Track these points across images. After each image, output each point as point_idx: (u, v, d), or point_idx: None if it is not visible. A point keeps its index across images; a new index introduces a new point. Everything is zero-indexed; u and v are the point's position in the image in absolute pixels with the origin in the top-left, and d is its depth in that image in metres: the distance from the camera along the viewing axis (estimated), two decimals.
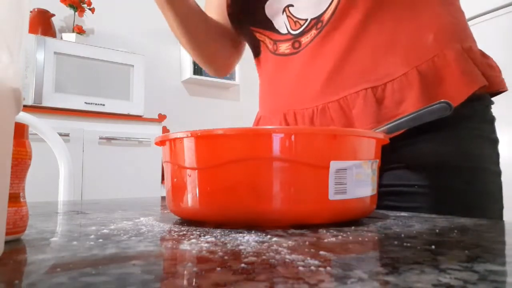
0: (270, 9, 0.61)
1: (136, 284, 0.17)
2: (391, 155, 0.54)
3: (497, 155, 0.57)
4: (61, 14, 2.66)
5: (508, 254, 0.24)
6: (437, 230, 0.32)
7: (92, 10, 2.65)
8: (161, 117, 2.57)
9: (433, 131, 0.53)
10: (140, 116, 2.40)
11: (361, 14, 0.55)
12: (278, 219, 0.35)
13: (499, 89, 0.55)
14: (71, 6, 2.59)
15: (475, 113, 0.55)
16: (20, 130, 0.30)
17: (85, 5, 2.63)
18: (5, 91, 0.22)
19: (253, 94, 1.81)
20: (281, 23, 0.61)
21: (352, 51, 0.55)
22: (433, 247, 0.25)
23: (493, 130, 0.57)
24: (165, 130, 2.65)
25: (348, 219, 0.38)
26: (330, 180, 0.35)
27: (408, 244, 0.26)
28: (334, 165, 0.35)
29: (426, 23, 0.55)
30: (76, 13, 2.63)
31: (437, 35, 0.54)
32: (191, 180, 0.37)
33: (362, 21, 0.55)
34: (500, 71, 0.57)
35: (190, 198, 0.37)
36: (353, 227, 0.35)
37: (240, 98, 3.35)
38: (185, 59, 3.12)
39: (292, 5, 0.59)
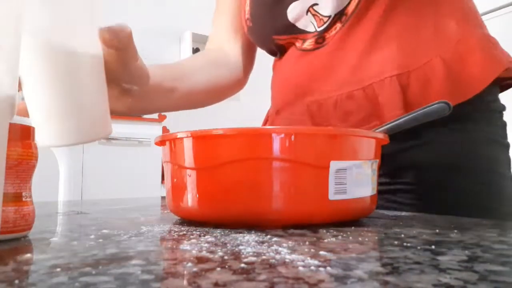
0: (293, 13, 0.61)
1: (136, 284, 0.17)
2: (406, 154, 0.55)
3: (508, 159, 0.58)
4: None
5: (508, 254, 0.24)
6: (437, 230, 0.32)
7: None
8: (161, 117, 2.56)
9: (449, 133, 0.54)
10: (140, 116, 2.40)
11: (385, 4, 0.55)
12: (278, 219, 0.35)
13: None
14: None
15: (490, 118, 0.57)
16: (26, 132, 0.31)
17: None
18: (3, 101, 0.22)
19: (253, 94, 1.81)
20: (306, 23, 0.61)
21: (377, 41, 0.56)
22: (433, 247, 0.25)
23: (505, 135, 0.58)
24: (165, 130, 2.65)
25: (348, 219, 0.38)
26: (330, 180, 0.35)
27: (408, 244, 0.26)
28: (334, 165, 0.35)
29: (450, 11, 0.56)
30: None
31: (460, 22, 0.55)
32: (191, 180, 0.37)
33: (386, 11, 0.56)
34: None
35: (190, 198, 0.37)
36: (353, 227, 0.35)
37: (240, 98, 3.34)
38: None
39: (316, 4, 0.59)
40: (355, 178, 0.37)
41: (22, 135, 0.30)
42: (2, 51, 0.22)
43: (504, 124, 0.58)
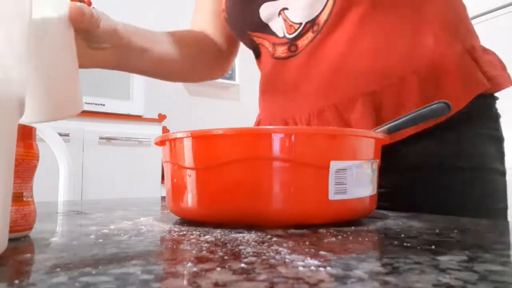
0: (265, 13, 0.60)
1: (136, 284, 0.17)
2: (394, 155, 0.53)
3: (501, 153, 0.55)
4: None
5: (508, 254, 0.24)
6: (437, 230, 0.32)
7: None
8: (161, 117, 2.57)
9: (434, 131, 0.52)
10: (140, 116, 2.40)
11: (358, 15, 0.53)
12: (278, 219, 0.35)
13: (503, 88, 0.54)
14: None
15: (477, 111, 0.53)
16: (28, 132, 0.31)
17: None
18: (12, 100, 0.22)
19: (253, 94, 1.81)
20: (277, 26, 0.60)
21: (350, 54, 0.54)
22: (433, 247, 0.25)
23: (496, 128, 0.55)
24: (165, 130, 2.65)
25: (348, 219, 0.38)
26: (330, 180, 0.35)
27: (408, 244, 0.26)
28: (334, 165, 0.35)
29: (428, 21, 0.53)
30: None
31: (439, 35, 0.53)
32: (191, 180, 0.37)
33: (359, 23, 0.53)
34: (504, 68, 0.55)
35: (190, 198, 0.37)
36: (353, 227, 0.35)
37: (240, 98, 3.35)
38: None
39: (287, 8, 0.58)
40: (355, 178, 0.37)
41: (24, 135, 0.30)
42: (14, 55, 0.22)
43: (495, 116, 0.56)
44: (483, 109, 0.55)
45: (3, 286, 0.17)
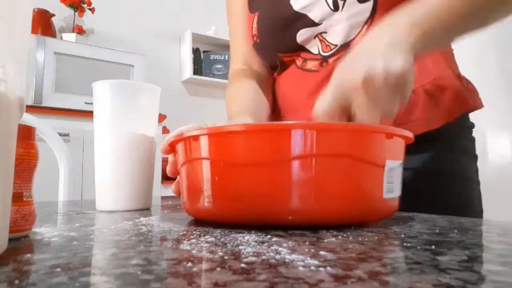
0: (302, 37, 0.65)
1: (136, 284, 0.17)
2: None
3: (477, 169, 0.68)
4: (61, 14, 2.66)
5: (508, 254, 0.24)
6: (437, 230, 0.32)
7: (92, 10, 2.65)
8: (161, 117, 2.57)
9: (434, 143, 0.62)
10: None
11: None
12: (335, 218, 0.34)
13: (478, 108, 0.67)
14: (71, 6, 2.59)
15: (465, 135, 0.67)
16: (28, 132, 0.31)
17: (85, 5, 2.63)
18: (12, 100, 0.22)
19: None
20: (313, 45, 0.65)
21: None
22: (433, 247, 0.25)
23: (475, 149, 0.69)
24: (165, 130, 2.65)
25: (389, 217, 0.39)
26: (385, 178, 0.35)
27: (408, 244, 0.26)
28: (388, 164, 0.36)
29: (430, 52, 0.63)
30: (76, 13, 2.63)
31: (437, 61, 0.64)
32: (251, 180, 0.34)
33: None
34: (477, 92, 0.67)
35: (241, 199, 0.34)
36: (353, 227, 0.35)
37: None
38: (185, 59, 3.12)
39: (325, 32, 0.64)
40: (398, 177, 0.38)
41: (24, 135, 0.30)
42: (13, 55, 0.22)
43: (473, 139, 0.69)
44: (468, 134, 0.68)
45: (3, 286, 0.17)
